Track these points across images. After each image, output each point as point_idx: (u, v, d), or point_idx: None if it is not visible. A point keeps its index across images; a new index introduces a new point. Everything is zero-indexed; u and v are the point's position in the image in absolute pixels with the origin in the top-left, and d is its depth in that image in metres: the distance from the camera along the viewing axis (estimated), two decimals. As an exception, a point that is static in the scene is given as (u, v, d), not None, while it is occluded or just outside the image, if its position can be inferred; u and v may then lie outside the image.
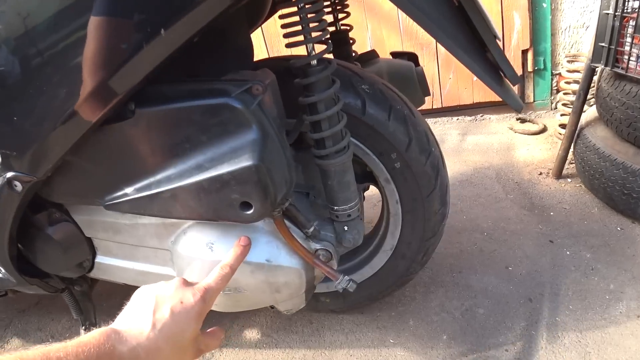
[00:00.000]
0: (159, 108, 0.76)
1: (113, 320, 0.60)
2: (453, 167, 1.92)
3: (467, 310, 1.26)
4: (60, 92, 0.72)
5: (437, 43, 2.03)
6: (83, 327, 1.27)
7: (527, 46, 1.93)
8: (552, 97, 2.03)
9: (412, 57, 1.33)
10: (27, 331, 1.48)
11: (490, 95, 2.04)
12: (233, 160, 0.75)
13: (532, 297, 1.27)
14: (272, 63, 0.99)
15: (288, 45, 0.85)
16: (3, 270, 1.08)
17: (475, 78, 2.02)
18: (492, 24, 0.81)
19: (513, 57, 1.95)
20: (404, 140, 0.98)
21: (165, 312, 0.60)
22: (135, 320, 0.59)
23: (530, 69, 1.97)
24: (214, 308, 1.00)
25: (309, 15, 0.80)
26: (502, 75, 0.88)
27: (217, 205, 0.79)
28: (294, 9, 0.80)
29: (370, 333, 1.24)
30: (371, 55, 1.35)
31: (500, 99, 2.01)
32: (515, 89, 2.03)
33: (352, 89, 0.97)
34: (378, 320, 1.28)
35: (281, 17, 0.85)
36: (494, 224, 1.52)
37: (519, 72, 1.95)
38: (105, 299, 1.48)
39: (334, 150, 0.87)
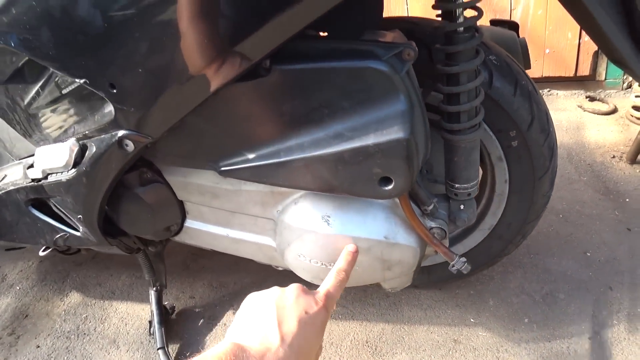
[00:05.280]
0: (298, 66, 0.69)
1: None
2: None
3: (547, 294, 1.23)
4: (197, 45, 0.64)
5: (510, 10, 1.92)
6: (154, 289, 1.24)
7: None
8: (625, 77, 1.95)
9: (513, 26, 1.24)
10: (86, 285, 1.45)
11: (561, 70, 1.95)
12: (380, 131, 0.69)
13: (612, 286, 1.24)
14: (393, 24, 0.91)
15: (435, 7, 0.77)
16: (82, 229, 1.03)
17: (547, 50, 1.93)
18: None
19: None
20: (526, 119, 0.92)
21: (292, 323, 0.54)
22: (258, 334, 0.53)
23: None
24: (313, 281, 0.97)
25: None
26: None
27: (354, 179, 0.74)
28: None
29: (450, 310, 1.22)
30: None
31: (571, 75, 1.90)
32: (588, 65, 1.94)
33: (479, 59, 0.90)
34: (457, 297, 1.25)
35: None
36: (569, 206, 1.48)
37: (594, 47, 1.86)
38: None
39: (468, 125, 0.81)
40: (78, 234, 1.05)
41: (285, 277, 1.22)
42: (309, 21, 0.62)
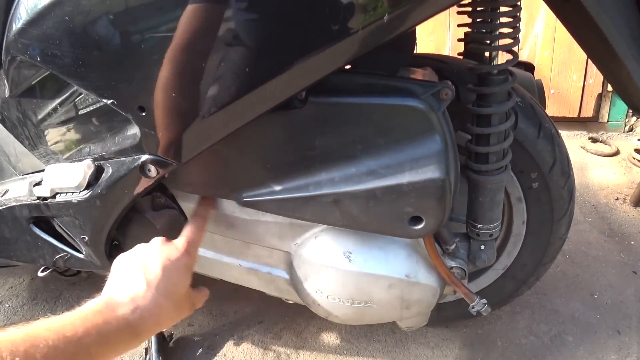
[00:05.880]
0: (334, 100, 0.68)
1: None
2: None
3: (555, 336, 1.21)
4: (236, 73, 0.63)
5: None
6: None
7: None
8: (627, 119, 1.99)
9: (529, 68, 1.25)
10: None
11: (564, 111, 1.98)
12: (415, 170, 0.68)
13: (620, 330, 1.22)
14: (422, 61, 0.91)
15: (466, 52, 0.77)
16: (86, 251, 0.99)
17: (552, 91, 1.95)
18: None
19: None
20: (549, 161, 0.91)
21: (156, 270, 0.61)
22: (126, 285, 0.59)
23: (610, 87, 1.90)
24: (329, 318, 0.94)
25: (502, 20, 0.72)
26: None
27: (384, 217, 0.72)
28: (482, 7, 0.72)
29: (458, 350, 1.19)
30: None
31: (575, 116, 1.92)
32: (592, 107, 1.97)
33: (505, 100, 0.90)
34: (464, 336, 1.22)
35: (459, 12, 0.78)
36: (575, 247, 1.48)
37: (598, 90, 1.90)
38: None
39: (496, 167, 0.80)
40: (81, 255, 1.01)
41: (287, 307, 1.19)
42: (352, 58, 0.61)
